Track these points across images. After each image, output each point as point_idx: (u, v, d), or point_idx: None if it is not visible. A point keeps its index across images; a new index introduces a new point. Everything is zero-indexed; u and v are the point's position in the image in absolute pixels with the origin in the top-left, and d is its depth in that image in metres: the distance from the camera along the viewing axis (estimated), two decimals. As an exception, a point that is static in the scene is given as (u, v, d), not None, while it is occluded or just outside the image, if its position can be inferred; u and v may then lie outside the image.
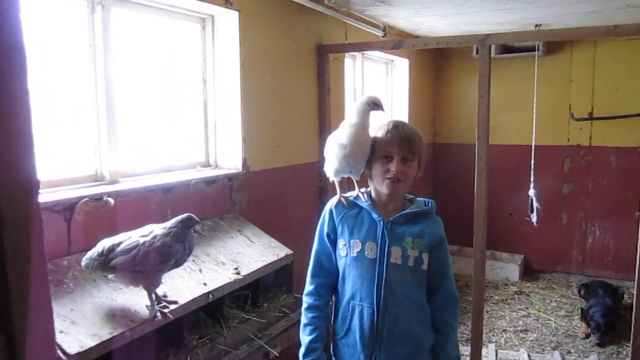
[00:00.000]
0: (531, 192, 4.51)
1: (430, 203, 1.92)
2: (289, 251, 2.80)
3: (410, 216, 1.85)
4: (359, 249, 1.84)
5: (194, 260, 2.35)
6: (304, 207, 3.79)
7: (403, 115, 5.56)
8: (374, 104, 1.88)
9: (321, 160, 2.11)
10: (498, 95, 5.11)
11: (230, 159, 3.18)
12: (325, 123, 3.98)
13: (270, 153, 3.45)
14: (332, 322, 1.96)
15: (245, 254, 2.63)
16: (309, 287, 1.94)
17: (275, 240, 2.87)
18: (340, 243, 1.88)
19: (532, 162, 4.60)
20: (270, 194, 3.44)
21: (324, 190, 3.95)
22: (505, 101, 6.00)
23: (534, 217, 4.48)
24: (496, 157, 5.63)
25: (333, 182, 1.98)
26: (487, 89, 3.40)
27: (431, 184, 6.44)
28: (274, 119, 3.48)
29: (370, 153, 1.84)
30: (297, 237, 3.41)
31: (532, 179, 4.53)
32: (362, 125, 1.85)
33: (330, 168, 1.94)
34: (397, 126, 1.83)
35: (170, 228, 1.96)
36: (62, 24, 2.38)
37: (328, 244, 1.92)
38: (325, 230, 1.91)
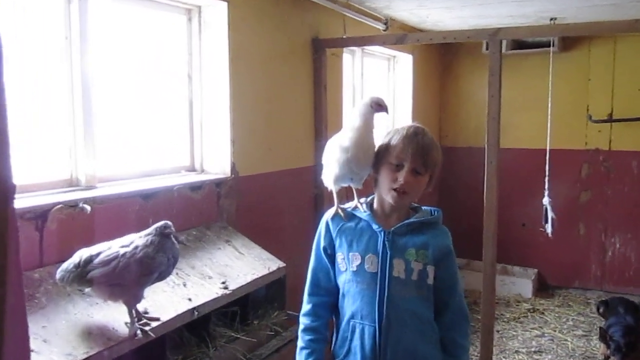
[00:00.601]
0: (545, 200, 4.52)
1: (436, 212, 1.93)
2: (281, 264, 2.80)
3: (414, 226, 1.87)
4: (358, 262, 1.84)
5: (177, 274, 2.34)
6: (299, 216, 3.80)
7: (406, 116, 5.59)
8: (378, 105, 1.90)
9: (317, 164, 2.15)
10: (510, 95, 5.13)
11: (217, 162, 3.19)
12: (321, 124, 4.00)
13: (262, 156, 3.46)
14: (332, 344, 1.97)
15: (234, 266, 2.64)
16: (306, 306, 1.95)
17: (266, 252, 2.87)
18: (339, 257, 1.89)
19: (547, 167, 4.62)
20: (262, 202, 3.46)
21: (320, 197, 3.96)
22: (518, 101, 6.01)
23: (548, 228, 4.49)
24: (508, 162, 5.62)
25: (331, 191, 2.00)
26: (498, 87, 3.41)
27: (437, 191, 6.46)
28: (266, 119, 3.50)
29: (380, 157, 1.86)
30: (290, 249, 3.42)
31: (546, 186, 4.54)
32: (366, 128, 1.88)
33: (330, 175, 1.95)
34: (417, 133, 1.83)
35: (146, 236, 1.96)
36: (36, 14, 2.39)
37: (325, 259, 1.93)
38: (322, 244, 1.92)
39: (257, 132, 3.41)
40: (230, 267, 2.62)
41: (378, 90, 5.36)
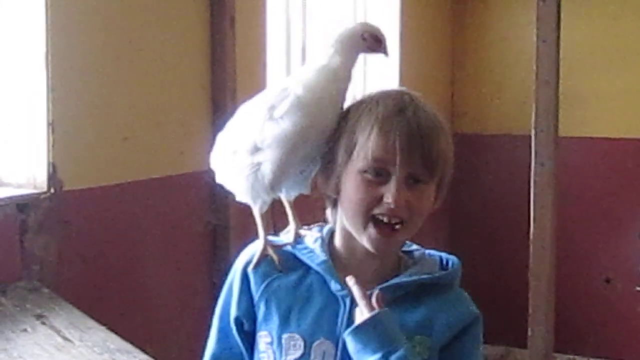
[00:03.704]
0: (646, 235, 3.58)
1: (449, 262, 1.45)
2: (145, 359, 2.20)
3: (407, 289, 1.40)
4: (299, 354, 1.40)
5: None
6: (181, 267, 2.93)
7: (387, 78, 4.28)
8: (374, 39, 1.41)
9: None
10: (577, 40, 3.96)
11: (20, 165, 2.42)
12: (224, 89, 2.89)
13: (110, 154, 2.60)
14: None
15: (53, 366, 2.08)
16: None
17: (117, 337, 2.24)
18: (263, 340, 1.44)
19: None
20: (109, 240, 2.62)
21: (222, 230, 2.99)
22: (593, 52, 4.49)
23: (652, 288, 3.48)
24: (574, 164, 4.24)
25: (251, 211, 1.45)
26: (556, 27, 2.76)
27: (447, 217, 4.85)
28: (118, 83, 2.60)
29: (339, 157, 1.35)
30: (167, 329, 2.65)
31: (649, 210, 3.59)
32: (345, 72, 1.37)
33: (264, 172, 1.37)
34: (403, 108, 1.34)
35: None
36: None
37: (237, 340, 1.47)
38: (234, 313, 1.45)
39: (101, 108, 2.53)
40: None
41: (337, 25, 4.02)
